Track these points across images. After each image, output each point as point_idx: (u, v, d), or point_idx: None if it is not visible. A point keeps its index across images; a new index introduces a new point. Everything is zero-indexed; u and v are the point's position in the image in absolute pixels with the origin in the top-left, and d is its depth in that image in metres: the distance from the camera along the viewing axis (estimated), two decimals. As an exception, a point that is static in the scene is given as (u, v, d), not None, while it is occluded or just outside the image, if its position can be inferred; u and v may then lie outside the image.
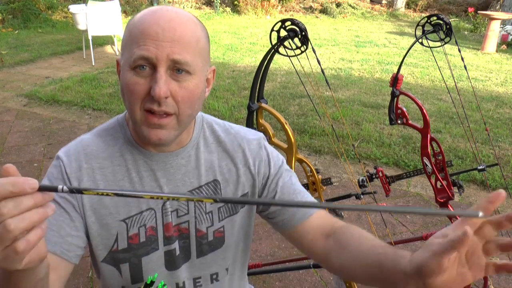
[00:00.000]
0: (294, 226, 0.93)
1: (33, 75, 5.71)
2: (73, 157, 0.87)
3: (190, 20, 0.80)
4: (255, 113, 1.41)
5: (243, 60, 6.57)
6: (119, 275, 0.92)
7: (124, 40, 0.80)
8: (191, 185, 0.91)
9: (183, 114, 0.80)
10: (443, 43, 1.65)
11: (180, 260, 0.94)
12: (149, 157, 0.88)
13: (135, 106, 0.78)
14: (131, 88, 0.77)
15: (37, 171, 3.19)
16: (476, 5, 11.05)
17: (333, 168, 3.33)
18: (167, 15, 0.77)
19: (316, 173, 1.41)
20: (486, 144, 3.67)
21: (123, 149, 0.89)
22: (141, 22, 0.77)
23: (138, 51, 0.75)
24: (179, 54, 0.75)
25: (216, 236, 0.94)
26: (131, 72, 0.77)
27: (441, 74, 2.81)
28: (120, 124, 0.91)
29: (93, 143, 0.89)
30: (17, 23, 8.72)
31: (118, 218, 0.87)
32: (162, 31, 0.75)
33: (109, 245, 0.88)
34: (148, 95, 0.76)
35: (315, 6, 11.83)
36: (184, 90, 0.78)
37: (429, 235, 1.82)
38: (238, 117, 4.19)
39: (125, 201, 0.87)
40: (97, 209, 0.86)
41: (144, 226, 0.89)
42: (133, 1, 10.70)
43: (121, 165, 0.88)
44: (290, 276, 2.15)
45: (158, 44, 0.74)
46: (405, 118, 1.65)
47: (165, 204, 0.90)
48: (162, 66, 0.75)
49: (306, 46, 1.30)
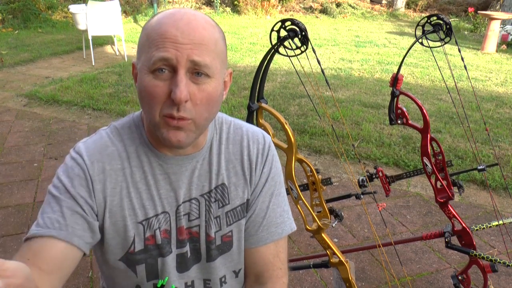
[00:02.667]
0: (247, 247, 0.97)
1: (33, 75, 5.71)
2: (95, 158, 0.86)
3: (208, 22, 0.79)
4: (255, 113, 1.41)
5: (243, 60, 6.57)
6: (134, 276, 0.92)
7: (141, 43, 0.79)
8: (203, 189, 0.91)
9: (201, 117, 0.79)
10: (443, 43, 1.64)
11: (191, 262, 0.95)
12: (164, 160, 0.88)
13: (154, 110, 0.77)
14: (151, 91, 0.76)
15: (37, 171, 3.19)
16: (476, 5, 11.04)
17: (333, 168, 3.33)
18: (185, 18, 0.76)
19: (316, 173, 1.41)
20: (486, 144, 3.67)
21: (139, 150, 0.88)
22: (159, 25, 0.76)
23: (158, 53, 0.74)
24: (199, 56, 0.75)
25: (224, 240, 0.95)
26: (150, 75, 0.76)
27: (441, 74, 2.81)
28: (136, 124, 0.90)
29: (112, 144, 0.88)
30: (17, 23, 8.72)
31: (136, 220, 0.87)
32: (181, 34, 0.74)
33: (126, 246, 0.88)
34: (168, 99, 0.76)
35: (315, 6, 11.82)
36: (203, 93, 0.77)
37: (429, 235, 1.82)
38: (238, 117, 4.15)
39: (142, 203, 0.87)
40: (116, 212, 0.86)
41: (159, 229, 0.89)
42: (133, 1, 10.69)
43: (138, 167, 0.88)
44: (290, 276, 2.15)
45: (178, 46, 0.74)
46: (405, 118, 1.64)
47: (178, 208, 0.90)
48: (182, 68, 0.75)
49: (306, 46, 1.30)
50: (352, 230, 2.56)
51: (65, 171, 0.85)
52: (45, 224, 0.81)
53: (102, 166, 0.85)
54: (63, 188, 0.83)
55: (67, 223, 0.81)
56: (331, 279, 2.09)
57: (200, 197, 0.91)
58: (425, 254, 2.36)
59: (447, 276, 2.18)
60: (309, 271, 2.19)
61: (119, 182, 0.86)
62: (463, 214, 2.73)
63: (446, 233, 1.74)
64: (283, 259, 0.99)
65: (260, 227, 0.95)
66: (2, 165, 3.27)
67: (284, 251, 0.99)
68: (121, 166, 0.86)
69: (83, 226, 0.83)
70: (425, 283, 2.14)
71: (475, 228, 1.77)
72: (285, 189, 1.02)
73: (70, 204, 0.83)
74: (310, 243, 2.41)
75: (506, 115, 4.45)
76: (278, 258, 0.98)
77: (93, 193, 0.84)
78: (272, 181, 0.96)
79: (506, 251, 2.35)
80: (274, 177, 0.97)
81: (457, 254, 2.30)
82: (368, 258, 2.32)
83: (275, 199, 0.97)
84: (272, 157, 0.96)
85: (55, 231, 0.80)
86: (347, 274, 1.46)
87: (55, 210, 0.82)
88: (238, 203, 0.94)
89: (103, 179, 0.85)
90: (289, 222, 0.99)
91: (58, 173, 0.86)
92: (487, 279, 1.81)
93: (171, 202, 0.89)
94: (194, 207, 0.91)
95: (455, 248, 1.74)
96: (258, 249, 0.96)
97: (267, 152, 0.96)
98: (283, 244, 0.99)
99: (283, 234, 0.97)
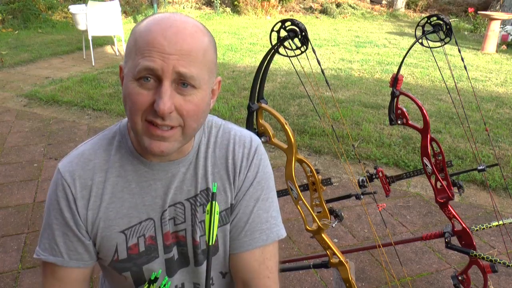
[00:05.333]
0: (230, 252, 0.95)
1: (33, 75, 5.71)
2: (77, 174, 0.85)
3: (198, 31, 0.77)
4: (255, 113, 1.41)
5: (243, 61, 6.57)
6: (124, 280, 0.93)
7: (129, 48, 0.78)
8: (188, 193, 0.90)
9: (189, 127, 0.78)
10: (443, 44, 1.64)
11: (178, 265, 0.95)
12: (150, 166, 0.87)
13: (136, 116, 0.76)
14: (134, 99, 0.75)
15: (37, 171, 3.19)
16: (476, 5, 11.04)
17: (333, 168, 3.33)
18: (174, 26, 0.74)
19: (316, 173, 1.41)
20: (486, 144, 3.67)
21: (124, 160, 0.87)
22: (147, 32, 0.75)
23: (143, 62, 0.73)
24: (185, 67, 0.74)
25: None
26: (135, 82, 0.75)
27: (441, 74, 2.81)
28: (121, 133, 0.89)
29: (95, 156, 0.87)
30: (17, 23, 8.72)
31: (118, 229, 0.87)
32: (169, 43, 0.72)
33: (110, 255, 0.89)
34: (151, 108, 0.75)
35: (315, 6, 11.82)
36: (189, 104, 0.76)
37: (429, 235, 1.82)
38: (238, 117, 4.19)
39: (126, 212, 0.87)
40: (99, 223, 0.87)
41: (143, 236, 0.89)
42: (133, 1, 10.70)
43: (120, 176, 0.87)
44: (290, 276, 2.15)
45: (164, 56, 0.72)
46: (405, 119, 1.64)
47: (163, 213, 0.89)
48: (167, 79, 0.73)
49: (306, 47, 1.30)
50: (352, 231, 2.56)
51: (51, 194, 0.88)
52: (46, 249, 0.88)
53: (84, 183, 0.86)
54: (53, 212, 0.87)
55: (60, 250, 0.87)
56: (331, 280, 2.09)
57: (185, 201, 0.90)
58: (425, 255, 2.36)
59: (447, 276, 2.18)
60: (309, 271, 2.19)
61: (101, 195, 0.86)
62: (463, 214, 2.73)
63: (446, 234, 1.74)
64: (271, 267, 0.94)
65: (243, 232, 0.91)
66: (2, 165, 3.27)
67: (272, 259, 0.94)
68: (102, 178, 0.86)
69: (77, 249, 0.88)
70: (425, 283, 2.14)
71: (475, 228, 1.77)
72: (276, 194, 0.98)
73: (62, 229, 0.87)
74: (310, 243, 2.41)
75: (506, 115, 4.45)
76: (264, 265, 0.93)
77: (77, 212, 0.86)
78: (258, 185, 0.92)
79: (506, 251, 2.35)
80: (261, 181, 0.93)
81: (457, 254, 2.30)
82: (368, 258, 2.32)
83: (261, 204, 0.92)
84: (258, 161, 0.93)
85: (54, 258, 0.87)
86: (347, 275, 1.46)
87: (50, 238, 0.88)
88: (222, 208, 0.91)
89: (86, 195, 0.86)
90: (277, 229, 0.94)
91: (48, 195, 0.90)
92: (487, 279, 1.81)
93: (156, 208, 0.88)
94: (179, 211, 0.90)
95: (455, 248, 1.74)
96: (241, 255, 0.92)
97: (252, 156, 0.92)
98: (271, 251, 0.94)
99: (268, 241, 0.92)
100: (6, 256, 2.28)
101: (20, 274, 2.16)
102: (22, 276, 2.14)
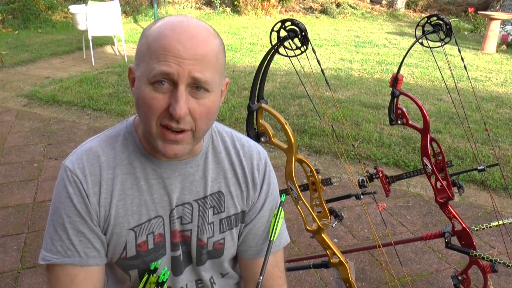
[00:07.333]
0: (243, 258, 1.02)
1: (33, 75, 5.71)
2: (87, 170, 0.85)
3: (210, 35, 0.79)
4: (255, 113, 1.41)
5: (243, 60, 6.57)
6: (128, 279, 0.94)
7: (141, 51, 0.79)
8: (197, 194, 0.92)
9: (200, 130, 0.81)
10: (443, 43, 1.64)
11: (183, 264, 0.96)
12: (158, 165, 0.88)
13: (151, 121, 0.78)
14: (149, 103, 0.77)
15: (37, 171, 3.19)
16: (476, 5, 11.04)
17: (333, 168, 3.33)
18: (188, 31, 0.76)
19: (316, 173, 1.41)
20: (486, 144, 3.67)
21: (132, 157, 0.88)
22: (160, 36, 0.76)
23: (159, 67, 0.74)
24: (200, 72, 0.75)
25: (216, 247, 0.96)
26: (149, 86, 0.76)
27: (441, 74, 2.81)
28: (128, 131, 0.90)
29: (103, 153, 0.88)
30: (17, 23, 8.72)
31: (128, 227, 0.88)
32: (184, 48, 0.74)
33: (118, 252, 0.89)
34: (166, 111, 0.76)
35: (315, 6, 11.82)
36: (202, 107, 0.78)
37: (429, 235, 1.82)
38: (238, 117, 4.19)
39: (136, 209, 0.88)
40: (109, 220, 0.87)
41: (153, 233, 0.90)
42: (133, 1, 10.70)
43: (129, 173, 0.88)
44: (290, 276, 2.15)
45: (180, 61, 0.74)
46: (405, 119, 1.64)
47: (172, 212, 0.90)
48: (182, 83, 0.75)
49: (306, 47, 1.30)
50: (352, 231, 2.56)
51: (61, 192, 0.85)
52: (58, 252, 0.85)
53: (96, 179, 0.86)
54: (64, 210, 0.84)
55: (77, 249, 0.85)
56: (331, 280, 2.09)
57: (194, 202, 0.92)
58: (425, 255, 2.36)
59: (447, 276, 2.18)
60: (309, 271, 2.19)
61: (111, 191, 0.86)
62: (463, 214, 2.73)
63: (446, 234, 1.74)
64: (281, 268, 1.05)
65: (261, 240, 1.00)
66: (2, 165, 3.27)
67: (282, 261, 1.05)
68: (111, 175, 0.87)
69: (95, 245, 0.87)
70: (425, 283, 2.14)
71: (475, 228, 1.77)
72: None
73: (76, 227, 0.85)
74: (310, 243, 2.41)
75: (506, 115, 4.45)
76: (277, 267, 1.03)
77: (91, 208, 0.85)
78: (271, 196, 1.00)
79: (506, 251, 2.35)
80: (273, 192, 1.01)
81: (457, 254, 2.30)
82: (368, 258, 2.32)
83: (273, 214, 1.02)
84: (269, 173, 1.00)
85: (70, 259, 0.85)
86: (347, 275, 1.46)
87: (63, 239, 0.85)
88: (232, 212, 0.96)
89: (97, 191, 0.85)
90: (285, 234, 1.05)
91: (56, 194, 0.86)
92: (487, 279, 1.81)
93: (164, 206, 0.90)
94: (187, 211, 0.91)
95: (455, 248, 1.74)
96: (258, 260, 1.01)
97: (264, 168, 0.99)
98: (281, 254, 1.05)
99: (280, 246, 1.04)
100: (6, 256, 2.28)
101: (20, 274, 2.16)
102: (22, 276, 2.14)
